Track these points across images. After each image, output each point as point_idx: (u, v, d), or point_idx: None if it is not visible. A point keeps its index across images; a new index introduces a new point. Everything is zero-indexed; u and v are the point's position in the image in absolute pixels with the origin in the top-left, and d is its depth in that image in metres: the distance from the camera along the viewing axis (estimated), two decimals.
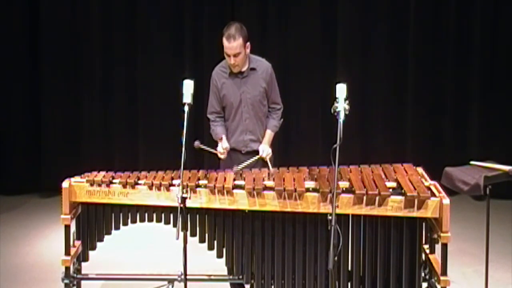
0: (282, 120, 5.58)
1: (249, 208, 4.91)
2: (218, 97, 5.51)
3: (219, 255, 5.02)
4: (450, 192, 5.19)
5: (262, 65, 5.46)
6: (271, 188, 4.89)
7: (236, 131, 5.48)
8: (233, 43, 5.26)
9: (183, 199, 4.56)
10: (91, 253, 5.21)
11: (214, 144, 5.48)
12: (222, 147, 5.41)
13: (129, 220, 5.10)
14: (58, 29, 8.32)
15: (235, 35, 5.25)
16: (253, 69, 5.43)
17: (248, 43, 5.35)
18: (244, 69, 5.40)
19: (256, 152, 5.43)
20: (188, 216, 4.82)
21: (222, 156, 5.41)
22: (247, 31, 5.36)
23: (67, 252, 5.09)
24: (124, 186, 5.03)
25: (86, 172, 5.22)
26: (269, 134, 5.51)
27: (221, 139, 5.45)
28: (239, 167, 5.30)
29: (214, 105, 5.54)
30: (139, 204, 5.04)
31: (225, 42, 5.29)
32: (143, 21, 8.31)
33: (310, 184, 4.91)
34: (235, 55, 5.29)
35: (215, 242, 5.00)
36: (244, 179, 5.01)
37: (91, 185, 5.07)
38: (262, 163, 5.43)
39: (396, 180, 4.96)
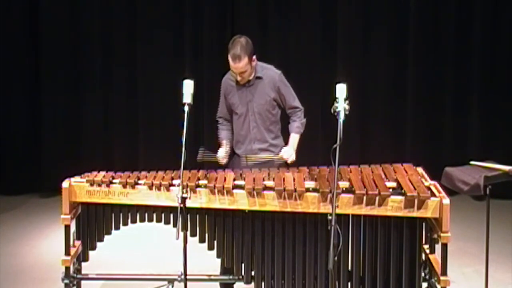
0: (305, 120, 5.53)
1: (249, 208, 4.91)
2: (226, 104, 5.51)
3: (219, 255, 5.02)
4: (450, 192, 5.18)
5: (268, 74, 5.42)
6: (271, 188, 4.89)
7: (246, 140, 5.47)
8: (239, 64, 5.23)
9: (183, 199, 4.56)
10: (91, 253, 5.21)
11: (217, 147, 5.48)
12: (224, 151, 5.40)
13: (129, 220, 5.10)
14: (58, 29, 8.32)
15: (240, 54, 5.21)
16: (259, 77, 5.40)
17: (254, 57, 5.33)
18: (250, 77, 5.39)
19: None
20: (188, 216, 4.82)
21: (222, 162, 5.40)
22: (249, 30, 5.35)
23: (67, 252, 5.09)
24: (124, 186, 5.03)
25: (86, 172, 5.22)
26: (292, 137, 5.47)
27: (222, 144, 5.44)
28: (252, 157, 5.31)
29: (223, 110, 5.55)
30: (139, 204, 5.04)
31: (230, 61, 5.26)
32: (143, 21, 8.31)
33: (310, 184, 4.91)
34: (241, 73, 5.29)
35: (215, 242, 5.00)
36: (244, 179, 5.01)
37: (91, 185, 5.07)
38: (279, 163, 5.39)
39: (396, 180, 4.96)
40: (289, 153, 5.39)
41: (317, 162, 5.49)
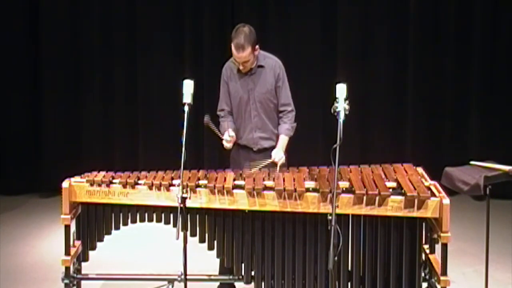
0: (295, 124, 5.50)
1: (249, 208, 4.91)
2: (227, 93, 5.45)
3: (219, 255, 5.02)
4: (450, 192, 5.18)
5: (270, 63, 5.41)
6: (271, 188, 4.89)
7: (246, 129, 5.45)
8: (242, 54, 5.22)
9: (183, 199, 4.56)
10: (91, 253, 5.21)
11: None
12: (229, 135, 5.32)
13: (129, 220, 5.10)
14: (58, 29, 8.32)
15: (244, 44, 5.20)
16: (261, 66, 5.39)
17: (257, 46, 5.31)
18: (252, 66, 5.37)
19: (268, 150, 5.39)
20: (188, 216, 4.82)
21: (227, 145, 5.34)
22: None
23: (67, 252, 5.09)
24: (124, 186, 5.03)
25: (86, 172, 5.22)
26: (282, 139, 5.42)
27: (228, 131, 5.37)
28: (253, 169, 5.24)
29: (225, 102, 5.49)
30: (139, 204, 5.04)
31: (234, 51, 5.25)
32: (143, 21, 8.31)
33: (310, 184, 4.91)
34: (244, 62, 5.28)
35: (215, 242, 5.00)
36: (244, 179, 5.01)
37: (91, 185, 5.07)
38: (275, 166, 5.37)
39: (396, 180, 4.96)
40: (279, 155, 5.35)
41: (317, 162, 5.49)
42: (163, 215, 5.03)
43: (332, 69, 8.15)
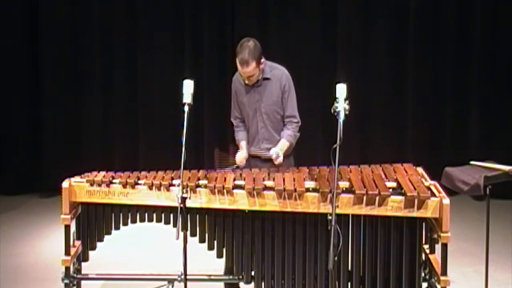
0: (298, 134, 5.48)
1: (249, 208, 4.91)
2: (237, 103, 5.49)
3: (219, 255, 5.02)
4: (450, 192, 5.18)
5: (277, 74, 5.39)
6: (271, 188, 4.89)
7: (254, 139, 5.47)
8: (247, 69, 5.22)
9: (183, 199, 4.56)
10: (91, 253, 5.21)
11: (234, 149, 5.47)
12: (242, 155, 5.37)
13: (129, 220, 5.10)
14: (58, 29, 8.32)
15: (248, 60, 5.19)
16: (267, 78, 5.38)
17: (262, 59, 5.30)
18: (258, 78, 5.37)
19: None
20: (188, 216, 4.82)
21: (241, 164, 5.36)
22: (249, 30, 5.32)
23: (67, 252, 5.09)
24: (124, 186, 5.03)
25: (86, 172, 5.22)
26: (282, 142, 5.39)
27: (240, 146, 5.42)
28: (254, 149, 5.30)
29: (236, 111, 5.52)
30: (139, 204, 5.04)
31: (238, 66, 5.25)
32: (143, 21, 8.31)
33: (310, 184, 4.91)
34: (249, 77, 5.28)
35: (215, 242, 5.00)
36: (244, 179, 5.01)
37: (91, 185, 5.07)
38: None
39: (396, 180, 4.96)
40: (277, 154, 5.35)
41: (317, 162, 5.48)
42: (163, 215, 5.03)
43: (332, 69, 8.15)
